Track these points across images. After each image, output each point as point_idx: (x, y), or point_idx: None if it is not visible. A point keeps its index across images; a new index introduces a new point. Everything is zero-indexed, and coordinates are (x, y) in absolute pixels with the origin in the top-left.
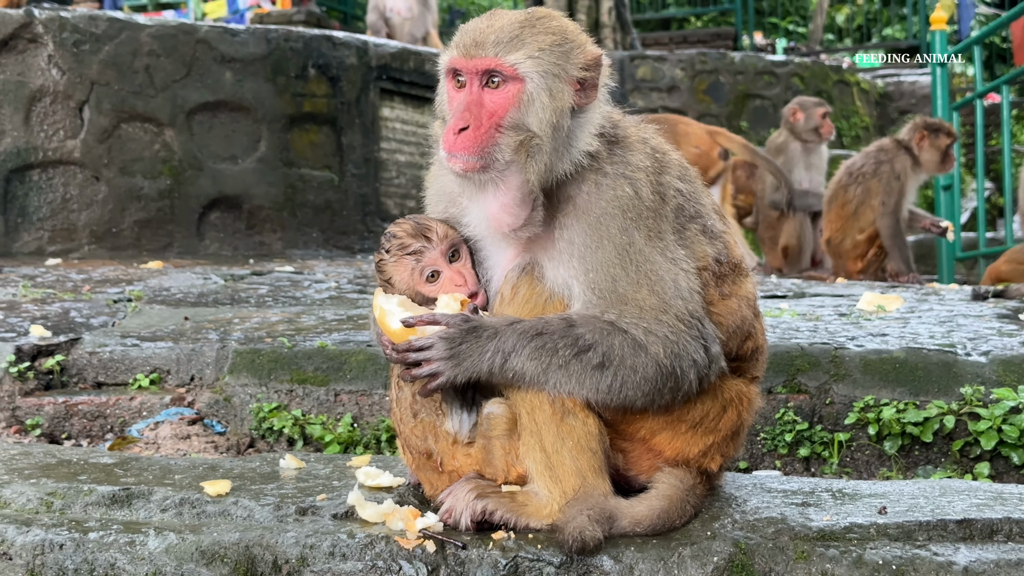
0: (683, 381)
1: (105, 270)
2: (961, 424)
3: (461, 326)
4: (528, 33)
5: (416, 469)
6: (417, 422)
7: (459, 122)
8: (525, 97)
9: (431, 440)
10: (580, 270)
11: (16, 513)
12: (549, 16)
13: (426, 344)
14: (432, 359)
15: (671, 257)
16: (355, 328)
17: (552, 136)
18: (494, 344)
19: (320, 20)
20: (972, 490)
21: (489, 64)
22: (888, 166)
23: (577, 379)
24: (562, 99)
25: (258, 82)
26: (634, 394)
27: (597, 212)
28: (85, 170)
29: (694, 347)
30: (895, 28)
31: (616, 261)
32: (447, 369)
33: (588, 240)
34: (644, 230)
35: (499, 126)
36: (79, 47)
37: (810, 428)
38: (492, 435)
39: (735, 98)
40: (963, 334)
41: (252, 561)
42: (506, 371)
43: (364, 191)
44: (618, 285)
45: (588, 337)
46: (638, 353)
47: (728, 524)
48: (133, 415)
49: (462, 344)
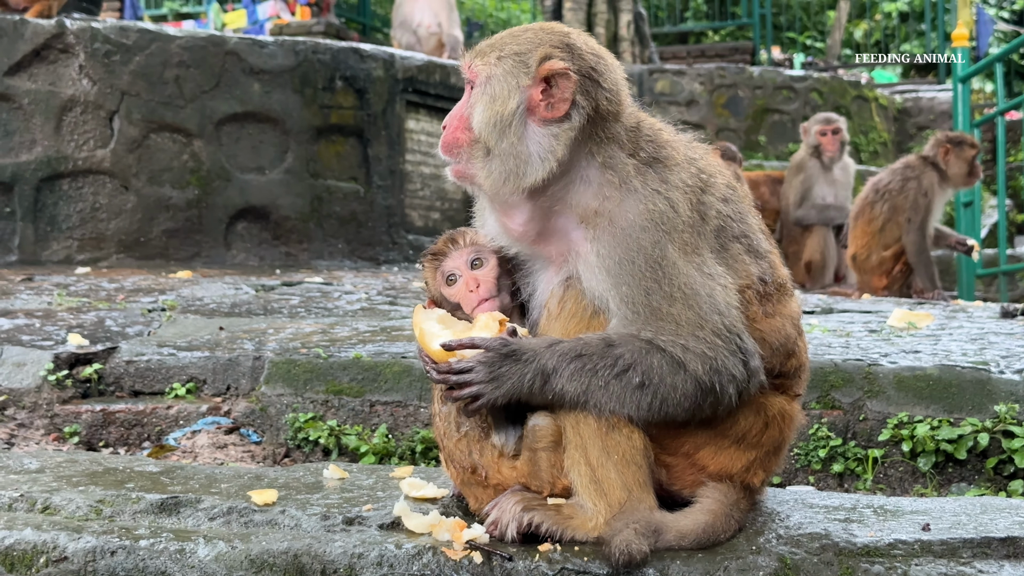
0: (723, 396)
1: (136, 279)
2: (995, 442)
3: (500, 350)
4: (506, 42)
5: (461, 484)
6: (461, 436)
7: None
8: (472, 99)
9: (476, 454)
10: (611, 284)
11: (67, 520)
12: (543, 29)
13: (466, 368)
14: (472, 382)
15: (708, 272)
16: (389, 340)
17: (497, 139)
18: (534, 366)
19: (340, 32)
20: (1013, 508)
21: (465, 67)
22: (915, 183)
23: (618, 399)
24: (505, 104)
25: (286, 94)
26: (675, 411)
27: (627, 225)
28: (114, 179)
29: (732, 362)
30: (913, 44)
31: (649, 275)
32: (488, 391)
33: (620, 254)
34: (679, 244)
35: (463, 127)
36: (110, 57)
37: (844, 444)
38: (538, 447)
39: (754, 112)
40: (995, 352)
41: (301, 570)
42: (546, 392)
43: (389, 203)
44: (652, 299)
45: (627, 357)
46: (677, 371)
47: (772, 539)
48: (170, 424)
49: (501, 367)
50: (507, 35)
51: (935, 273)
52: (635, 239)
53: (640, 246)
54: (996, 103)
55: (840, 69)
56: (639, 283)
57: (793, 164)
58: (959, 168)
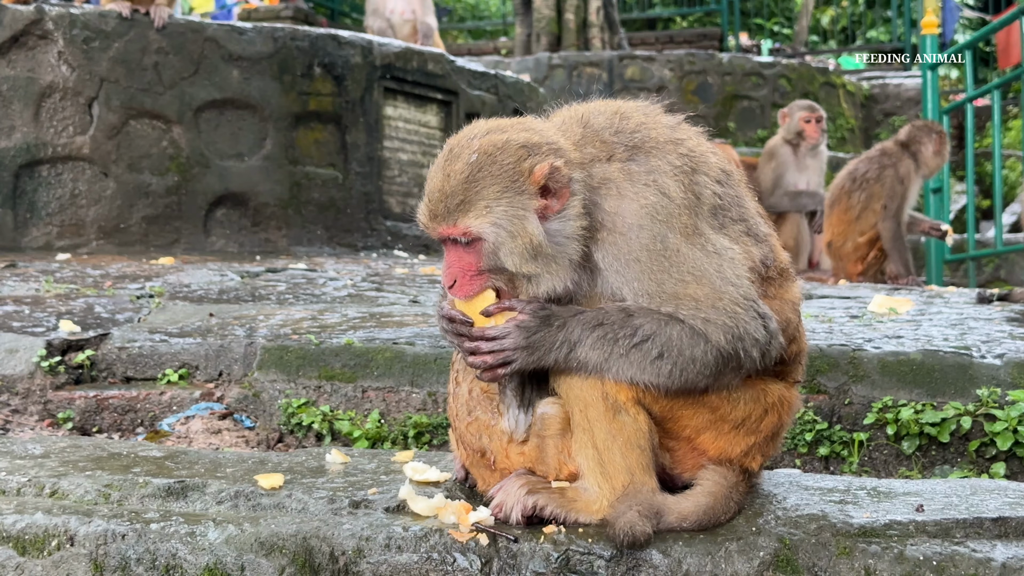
0: (745, 360)
1: (119, 265)
2: (977, 425)
3: (538, 313)
4: (473, 189)
5: (470, 465)
6: (472, 419)
7: (447, 280)
8: (490, 249)
9: (485, 439)
10: (624, 280)
11: (76, 504)
12: (495, 149)
13: (502, 333)
14: (507, 348)
15: (712, 250)
16: (379, 326)
17: (535, 256)
18: (563, 334)
19: (308, 17)
20: (1002, 489)
21: (447, 233)
22: (892, 170)
23: (638, 367)
24: (526, 232)
25: (264, 80)
26: (696, 379)
27: (625, 229)
28: (94, 166)
29: (754, 326)
30: (879, 30)
31: (656, 267)
32: (520, 357)
33: (625, 255)
34: (679, 228)
35: (482, 272)
36: (89, 44)
37: (829, 428)
38: (546, 434)
39: (723, 99)
40: (976, 337)
41: (310, 552)
42: (570, 360)
43: (367, 189)
44: (665, 288)
45: (647, 328)
46: (697, 343)
47: (771, 520)
48: (163, 410)
49: (537, 333)
50: (462, 184)
51: (909, 259)
52: (636, 239)
53: (642, 244)
54: (964, 90)
55: (807, 55)
56: (650, 277)
57: (766, 151)
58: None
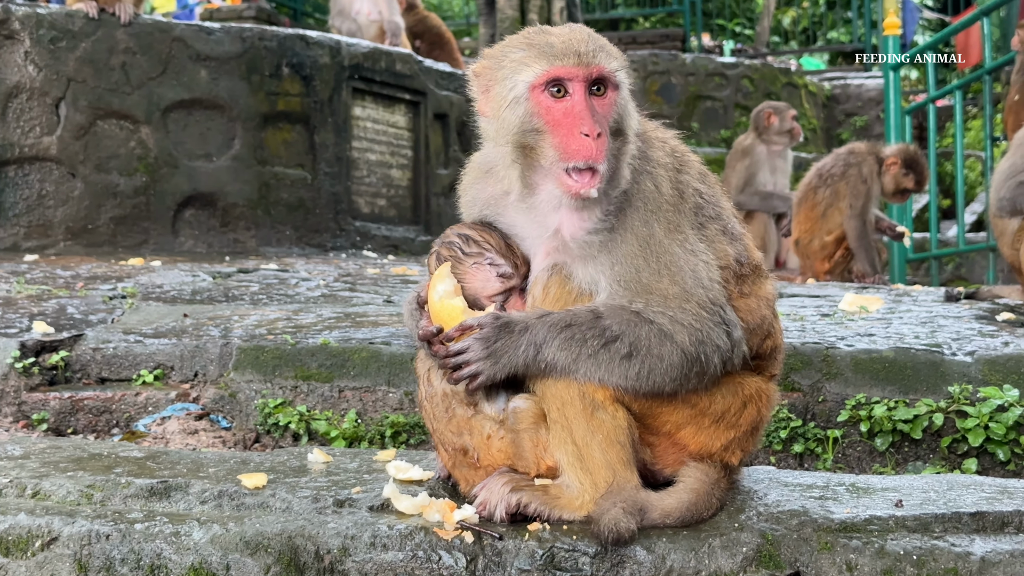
0: (708, 366)
1: (89, 266)
2: (949, 422)
3: (493, 324)
4: (604, 43)
5: (452, 467)
6: (450, 416)
7: (593, 127)
8: (621, 102)
9: (467, 436)
10: (607, 263)
11: (59, 505)
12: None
13: (463, 348)
14: (471, 360)
15: (690, 249)
16: (354, 326)
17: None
18: (527, 337)
19: (271, 17)
20: (978, 484)
21: (601, 71)
22: (856, 169)
23: (606, 368)
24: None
25: (233, 80)
26: (662, 380)
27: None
28: (61, 167)
29: (717, 333)
30: (840, 31)
31: (639, 252)
32: (486, 368)
33: (612, 236)
34: (664, 223)
35: (606, 132)
36: (56, 44)
37: (804, 425)
38: (519, 428)
39: (686, 99)
40: (946, 334)
41: (295, 551)
42: (539, 362)
43: (336, 189)
44: (641, 275)
45: (615, 328)
46: (664, 342)
47: (753, 516)
48: (139, 410)
49: (497, 342)
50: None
51: (875, 258)
52: (629, 219)
53: (632, 225)
54: (925, 90)
55: (769, 56)
56: (630, 261)
57: (738, 149)
58: (891, 185)
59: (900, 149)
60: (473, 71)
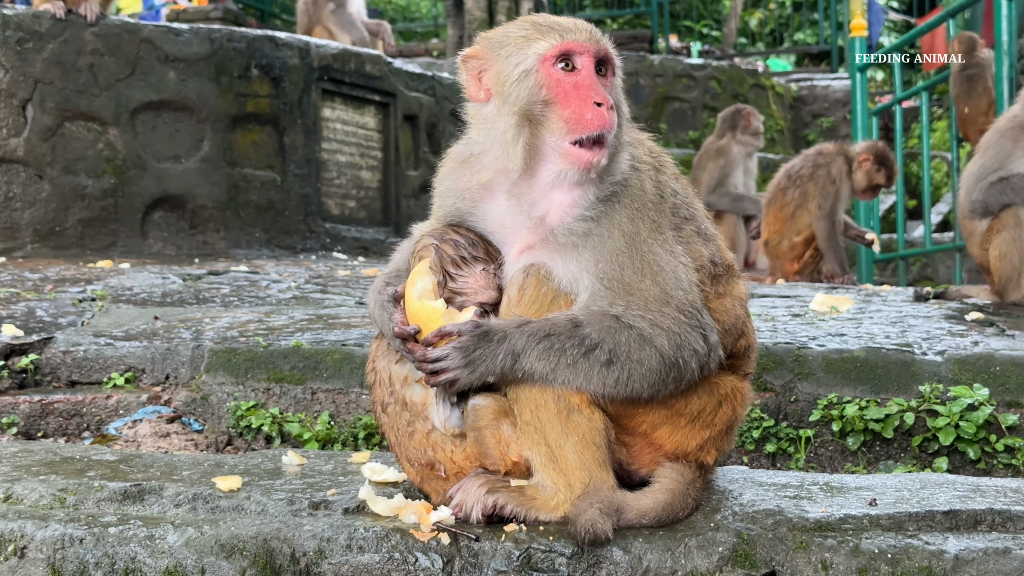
0: (686, 370)
1: (58, 269)
2: (920, 421)
3: (473, 332)
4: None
5: (420, 483)
6: (412, 431)
7: (606, 97)
8: (618, 85)
9: (430, 451)
10: (591, 260)
11: (31, 509)
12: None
13: (441, 355)
14: (449, 368)
15: (670, 250)
16: (326, 328)
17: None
18: (505, 347)
19: (237, 18)
20: (950, 483)
21: (607, 52)
22: (824, 170)
23: (585, 375)
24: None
25: (201, 82)
26: (640, 386)
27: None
28: (28, 168)
29: (694, 337)
30: (807, 33)
31: (624, 250)
32: (464, 376)
33: (600, 230)
34: (648, 222)
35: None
36: (22, 45)
37: (776, 425)
38: (480, 425)
39: (655, 100)
40: (916, 334)
41: (271, 554)
42: (516, 371)
43: (306, 191)
44: (624, 274)
45: (594, 336)
46: (643, 347)
47: (729, 516)
48: (110, 413)
49: (476, 351)
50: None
51: (844, 258)
52: (618, 215)
53: (618, 221)
54: (891, 91)
55: (736, 57)
56: (615, 258)
57: (711, 149)
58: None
59: (870, 146)
60: (464, 56)
